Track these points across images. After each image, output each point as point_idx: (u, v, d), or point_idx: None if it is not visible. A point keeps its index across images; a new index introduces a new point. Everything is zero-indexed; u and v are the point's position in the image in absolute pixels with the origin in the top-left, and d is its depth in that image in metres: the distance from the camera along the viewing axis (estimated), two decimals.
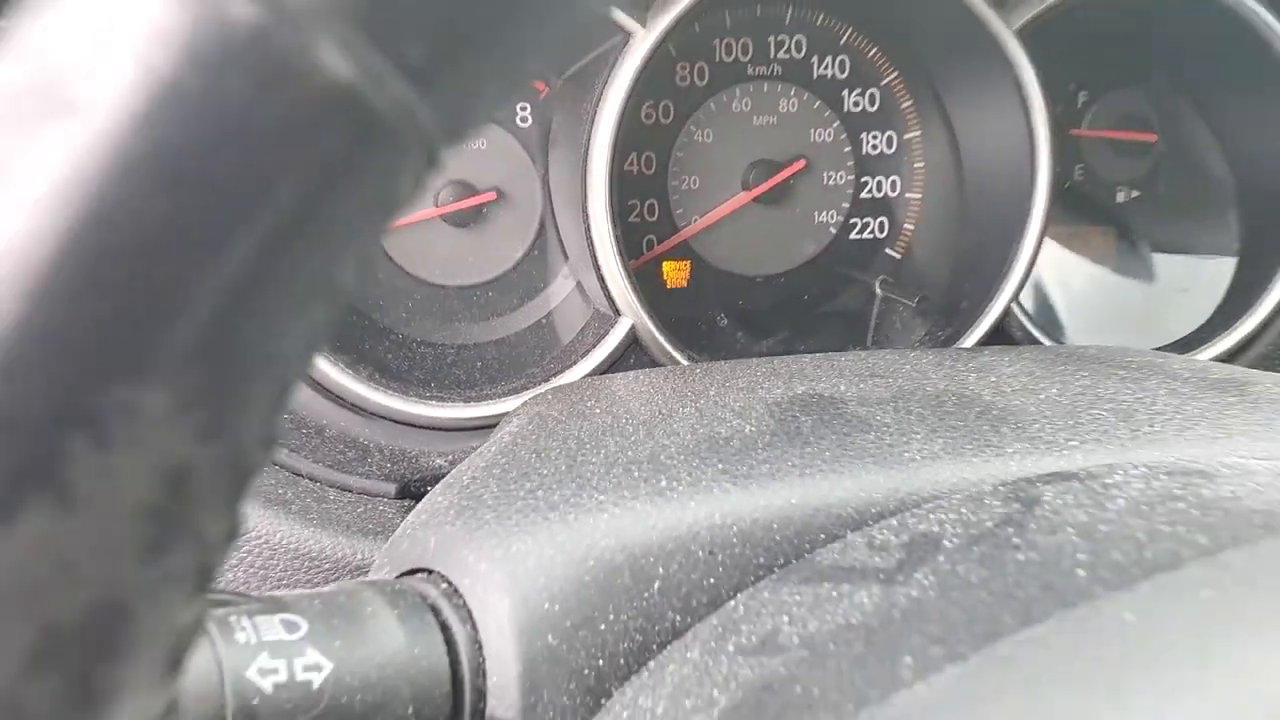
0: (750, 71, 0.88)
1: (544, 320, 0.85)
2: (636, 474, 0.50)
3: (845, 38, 0.89)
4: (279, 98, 0.17)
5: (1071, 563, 0.36)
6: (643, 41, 0.75)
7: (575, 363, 0.76)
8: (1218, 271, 0.91)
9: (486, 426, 0.72)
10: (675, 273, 0.90)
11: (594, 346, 0.76)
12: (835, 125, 0.90)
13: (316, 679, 0.41)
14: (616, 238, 0.75)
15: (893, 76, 0.90)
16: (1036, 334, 0.82)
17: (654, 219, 0.89)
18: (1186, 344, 0.86)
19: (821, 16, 0.88)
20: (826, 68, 0.89)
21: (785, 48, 0.89)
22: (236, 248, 0.17)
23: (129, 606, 0.18)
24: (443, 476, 0.62)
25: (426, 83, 0.18)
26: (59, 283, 0.16)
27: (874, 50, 0.90)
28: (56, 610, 0.17)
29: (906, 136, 0.91)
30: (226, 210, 0.17)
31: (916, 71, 0.89)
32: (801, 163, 0.89)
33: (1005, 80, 0.80)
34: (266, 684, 0.40)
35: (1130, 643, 0.29)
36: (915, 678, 0.32)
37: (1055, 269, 0.93)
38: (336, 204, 0.18)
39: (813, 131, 0.90)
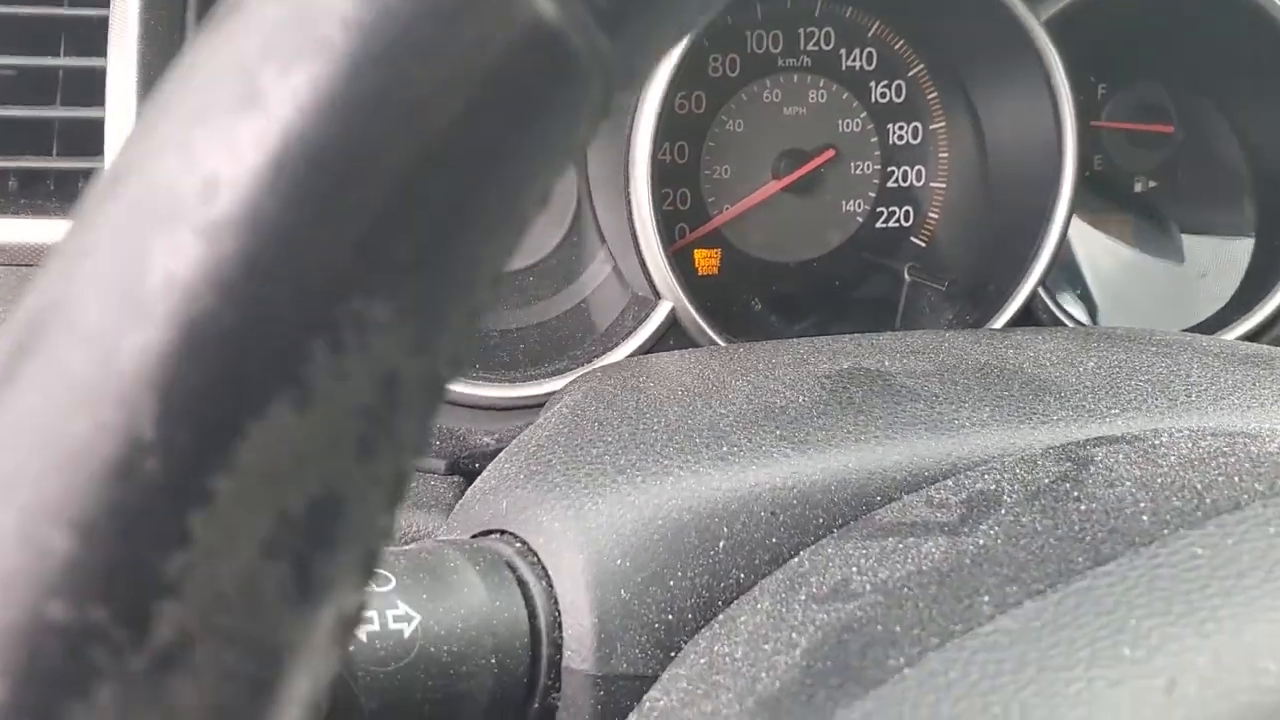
0: (780, 63, 0.90)
1: (582, 305, 0.87)
2: (698, 440, 0.52)
3: (873, 30, 0.91)
4: (499, 35, 0.19)
5: (1134, 510, 0.38)
6: None
7: (616, 345, 0.78)
8: (1235, 257, 0.93)
9: (532, 406, 0.74)
10: (706, 260, 0.92)
11: (634, 329, 0.78)
12: (863, 116, 0.92)
13: (406, 629, 0.43)
14: (657, 222, 0.77)
15: (919, 68, 0.92)
16: (1062, 317, 0.84)
17: (686, 207, 0.91)
18: (1208, 327, 0.89)
19: (850, 9, 0.91)
20: (854, 59, 0.92)
21: (814, 40, 0.91)
22: (455, 174, 0.19)
23: (343, 503, 0.20)
24: (490, 453, 0.64)
25: (613, 27, 0.20)
26: (311, 203, 0.18)
27: (900, 43, 0.92)
28: (289, 500, 0.19)
29: (932, 127, 0.93)
30: (452, 140, 0.19)
31: (942, 63, 0.91)
32: (831, 152, 0.91)
33: (1034, 71, 0.82)
34: (361, 633, 0.42)
35: (1204, 572, 0.31)
36: (996, 612, 0.34)
37: (1079, 254, 0.95)
38: (537, 137, 0.20)
39: (841, 122, 0.92)
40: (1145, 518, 0.37)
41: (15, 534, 0.17)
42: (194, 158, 0.18)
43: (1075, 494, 0.41)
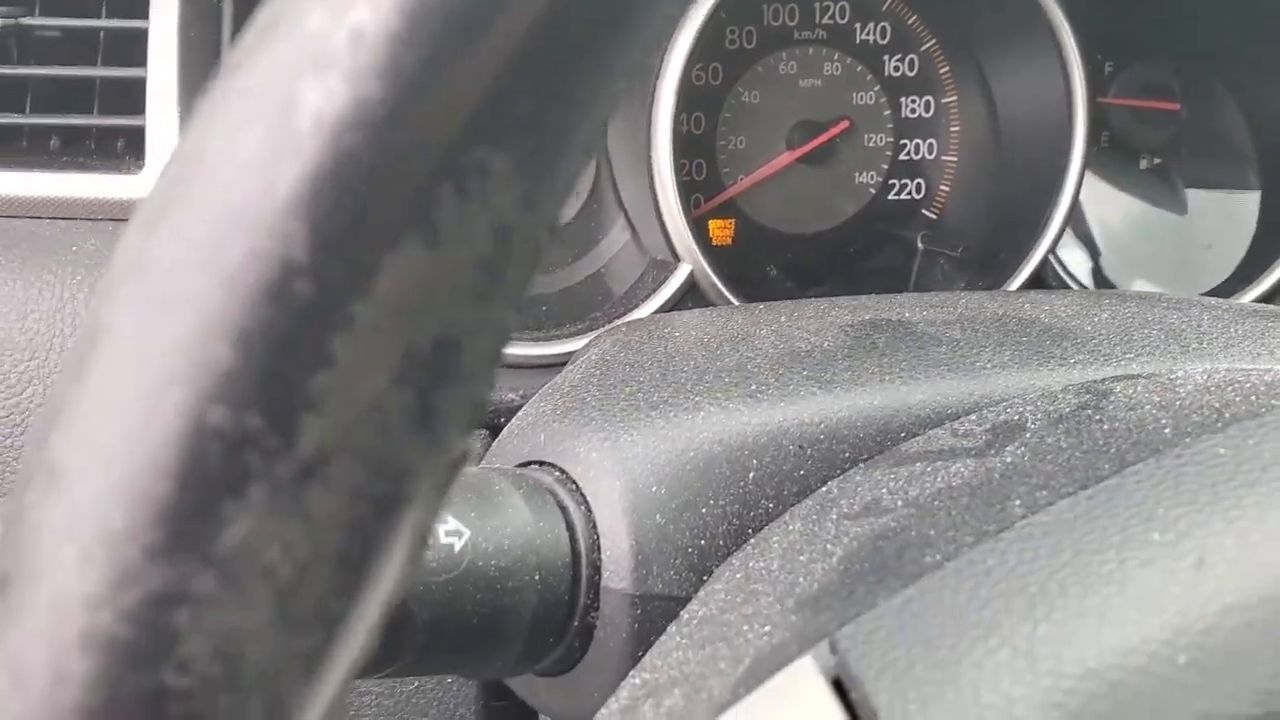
0: (796, 36, 0.92)
1: (601, 271, 0.88)
2: (727, 380, 0.54)
3: (887, 4, 0.93)
4: None
5: (1155, 425, 0.40)
6: (703, 3, 0.79)
7: (637, 305, 0.80)
8: (1239, 230, 0.96)
9: (554, 364, 0.76)
10: (721, 230, 0.94)
11: (654, 291, 0.80)
12: (876, 89, 0.94)
13: (457, 543, 0.44)
14: (678, 187, 0.79)
15: (931, 43, 0.94)
16: (1072, 284, 0.86)
17: (702, 177, 0.93)
18: (1213, 295, 0.91)
19: None
20: (868, 33, 0.94)
21: (829, 13, 0.93)
22: (569, 38, 0.21)
23: (460, 343, 0.22)
24: (515, 408, 0.66)
25: None
26: (444, 55, 0.20)
27: (914, 17, 0.94)
28: (416, 334, 0.21)
29: (944, 101, 0.95)
30: (576, 6, 0.21)
31: (955, 38, 0.93)
32: (845, 124, 0.93)
33: (1046, 45, 0.84)
34: None
35: (1228, 468, 0.33)
36: (1027, 512, 0.36)
37: (1087, 226, 0.97)
38: (636, 11, 0.22)
39: (855, 95, 0.94)
40: (1168, 430, 0.38)
41: (182, 347, 0.19)
42: (342, 12, 0.20)
43: (1097, 417, 0.43)
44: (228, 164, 0.20)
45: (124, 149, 0.76)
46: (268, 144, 0.19)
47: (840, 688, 0.30)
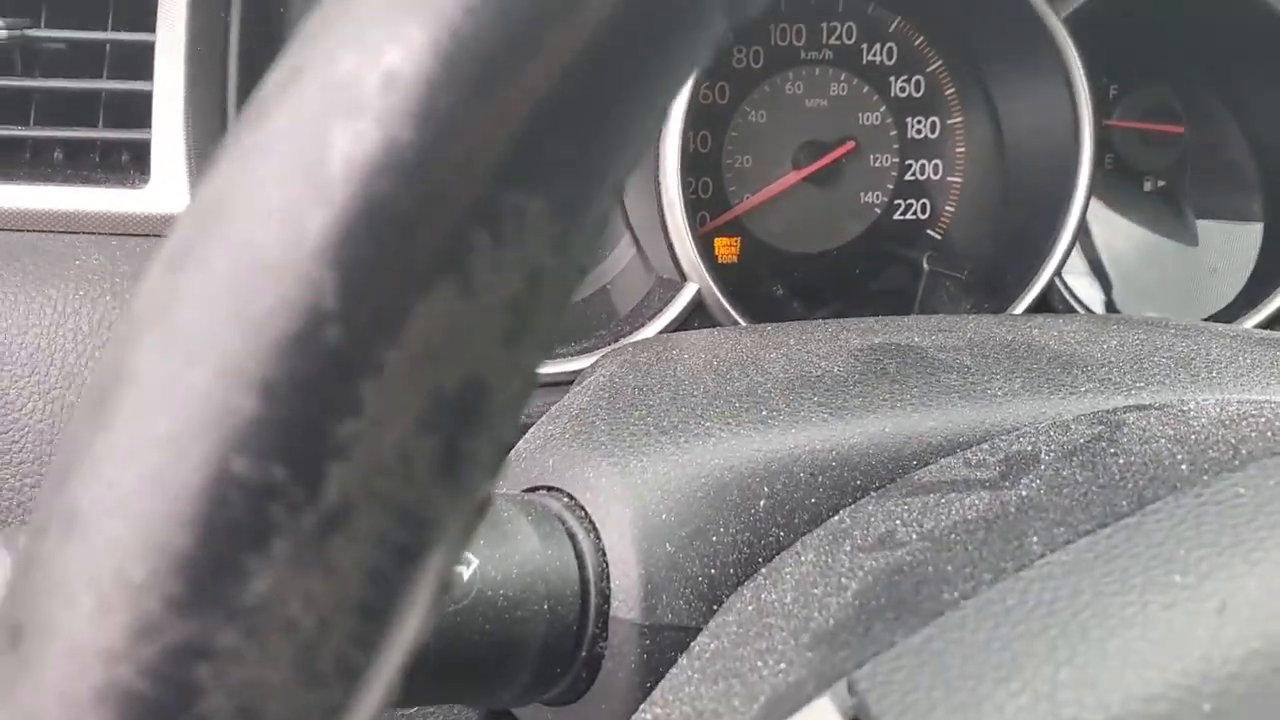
0: (803, 56, 0.92)
1: (605, 289, 0.88)
2: (737, 405, 0.53)
3: (894, 25, 0.93)
4: None
5: (1171, 461, 0.39)
6: None
7: (643, 325, 0.79)
8: (1244, 253, 0.96)
9: (561, 383, 0.76)
10: (726, 249, 0.94)
11: (660, 310, 0.80)
12: (882, 110, 0.94)
13: (466, 572, 0.44)
14: (685, 205, 0.78)
15: (938, 64, 0.94)
16: (1078, 307, 0.86)
17: (708, 196, 0.93)
18: (1217, 320, 0.91)
19: (872, 5, 0.93)
20: (875, 54, 0.93)
21: (836, 34, 0.93)
22: (604, 82, 0.21)
23: (488, 388, 0.21)
24: (522, 428, 0.66)
25: None
26: (480, 99, 0.20)
27: (920, 39, 0.94)
28: (444, 379, 0.21)
29: (950, 122, 0.95)
30: (603, 48, 0.20)
31: (961, 59, 0.93)
32: (851, 144, 0.93)
33: (1053, 67, 0.84)
34: None
35: (1249, 508, 0.33)
36: (1046, 550, 0.35)
37: (1092, 249, 0.97)
38: (667, 56, 0.22)
39: (861, 115, 0.94)
40: (1184, 467, 0.38)
41: (206, 395, 0.19)
42: (375, 54, 0.19)
43: (1112, 450, 0.43)
44: (255, 207, 0.19)
45: (129, 162, 0.76)
46: (297, 187, 0.19)
47: None
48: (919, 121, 0.95)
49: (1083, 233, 0.90)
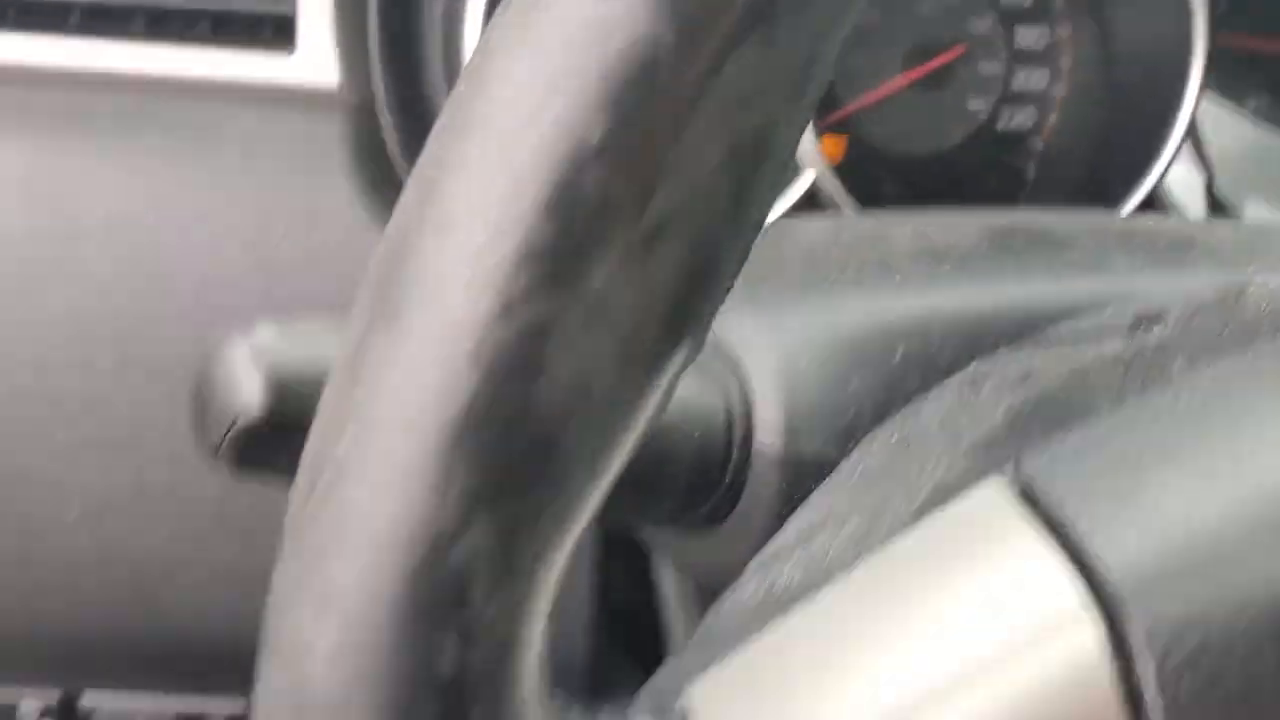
0: None
1: None
2: (867, 270, 0.56)
3: None
4: None
5: None
6: None
7: None
8: None
9: None
10: (833, 147, 0.96)
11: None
12: (993, 17, 0.96)
13: None
14: None
15: None
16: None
17: None
18: None
19: None
20: None
21: None
22: None
23: (774, 136, 0.25)
24: None
25: None
26: None
27: None
28: (742, 124, 0.24)
29: (1059, 31, 0.97)
30: None
31: None
32: (961, 48, 0.95)
33: None
34: None
35: None
36: (1183, 379, 0.38)
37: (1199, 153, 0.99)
38: None
39: (971, 21, 0.96)
40: None
41: (564, 120, 0.23)
42: None
43: (1239, 306, 0.46)
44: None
45: (273, 36, 0.80)
46: None
47: (1029, 499, 0.33)
48: (1028, 30, 0.97)
49: (1191, 140, 0.92)
